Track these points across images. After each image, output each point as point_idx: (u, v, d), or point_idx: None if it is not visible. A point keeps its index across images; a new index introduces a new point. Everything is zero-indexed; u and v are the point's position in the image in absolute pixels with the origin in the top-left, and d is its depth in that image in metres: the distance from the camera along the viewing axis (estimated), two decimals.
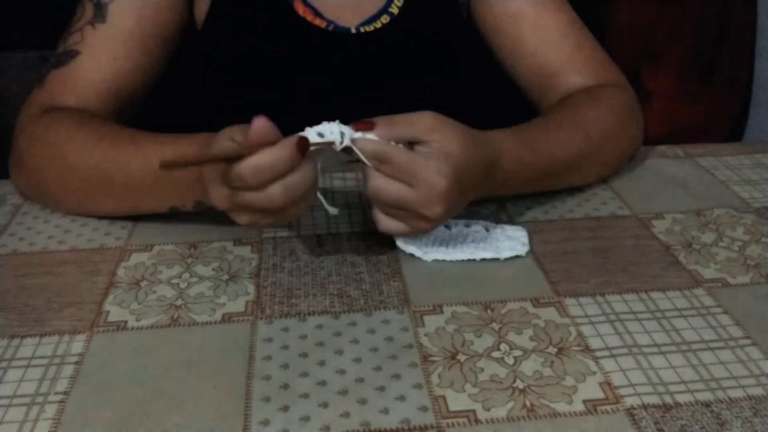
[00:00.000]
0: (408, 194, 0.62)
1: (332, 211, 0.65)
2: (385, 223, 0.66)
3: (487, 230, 0.72)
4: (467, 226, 0.73)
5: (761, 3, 1.42)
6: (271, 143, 0.58)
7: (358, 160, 0.63)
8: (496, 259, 0.69)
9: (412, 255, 0.69)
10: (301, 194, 0.60)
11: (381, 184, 0.62)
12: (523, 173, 0.72)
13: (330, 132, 0.62)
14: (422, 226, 0.65)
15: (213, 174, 0.61)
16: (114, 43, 0.80)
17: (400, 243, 0.70)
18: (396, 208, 0.64)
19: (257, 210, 0.60)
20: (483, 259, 0.69)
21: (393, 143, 0.62)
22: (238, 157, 0.58)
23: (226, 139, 0.60)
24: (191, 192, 0.68)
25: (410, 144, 0.63)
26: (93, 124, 0.75)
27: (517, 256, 0.70)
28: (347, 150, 0.62)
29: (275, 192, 0.58)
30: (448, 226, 0.72)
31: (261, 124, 0.58)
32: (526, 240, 0.71)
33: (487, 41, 0.92)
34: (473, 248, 0.70)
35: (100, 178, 0.72)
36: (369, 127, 0.62)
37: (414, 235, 0.67)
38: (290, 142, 0.58)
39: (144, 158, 0.70)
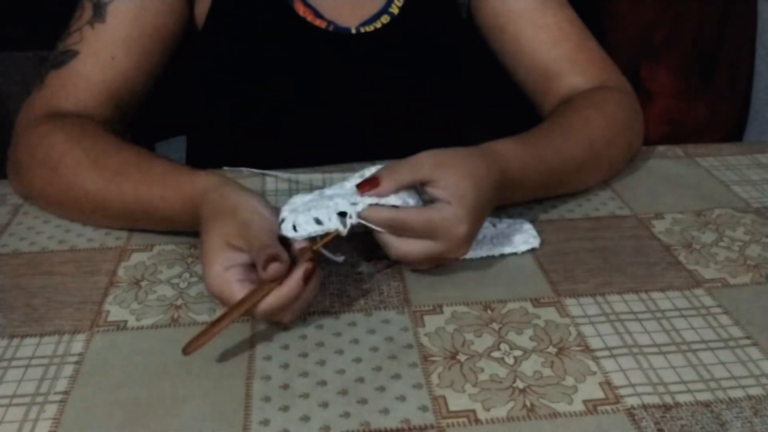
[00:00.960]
0: (434, 248, 0.62)
1: (339, 260, 0.63)
2: (418, 269, 0.67)
3: (494, 226, 0.73)
4: None
5: (761, 3, 1.42)
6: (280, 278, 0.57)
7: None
8: (496, 259, 0.69)
9: None
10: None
11: (406, 250, 0.63)
12: (530, 182, 0.73)
13: (328, 218, 0.60)
14: (447, 263, 0.66)
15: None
16: (113, 44, 0.80)
17: None
18: (423, 260, 0.64)
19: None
20: (485, 258, 0.69)
21: (402, 194, 0.62)
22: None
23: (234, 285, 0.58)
24: (186, 226, 0.68)
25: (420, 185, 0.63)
26: (88, 142, 0.73)
27: (521, 253, 0.70)
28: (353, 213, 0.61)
29: (286, 318, 0.59)
30: None
31: (275, 268, 0.56)
32: (534, 232, 0.72)
33: (487, 41, 0.92)
34: (490, 245, 0.70)
35: (94, 202, 0.71)
36: (375, 185, 0.62)
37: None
38: (297, 277, 0.57)
39: (135, 192, 0.69)
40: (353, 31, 0.88)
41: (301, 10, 0.86)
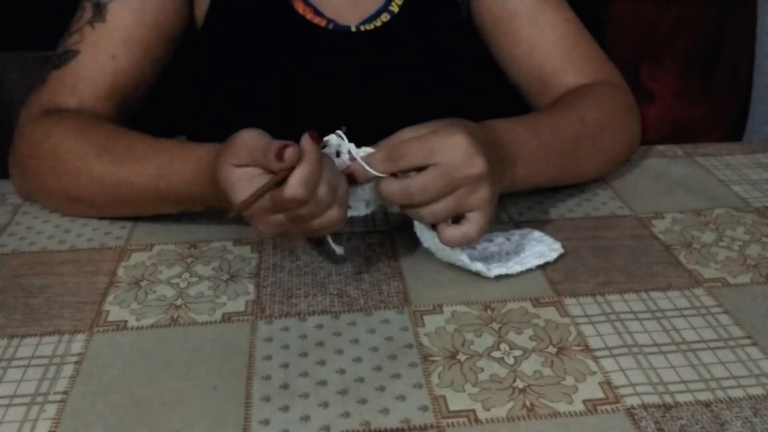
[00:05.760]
0: (443, 168, 0.61)
1: (338, 250, 0.65)
2: (450, 233, 0.63)
3: (508, 239, 0.71)
4: (490, 240, 0.71)
5: (761, 3, 1.42)
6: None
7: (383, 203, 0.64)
8: None
9: (477, 270, 0.66)
10: (341, 190, 0.61)
11: (420, 183, 0.61)
12: (529, 157, 0.72)
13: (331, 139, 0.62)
14: (481, 196, 0.62)
15: (257, 211, 0.60)
16: (113, 43, 0.80)
17: (466, 260, 0.66)
18: (446, 195, 0.62)
19: (307, 220, 0.60)
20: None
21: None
22: (279, 183, 0.57)
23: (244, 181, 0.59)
24: (198, 203, 0.69)
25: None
26: (92, 132, 0.74)
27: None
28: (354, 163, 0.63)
29: (323, 193, 0.59)
30: (490, 240, 0.71)
31: (290, 152, 0.56)
32: (550, 238, 0.71)
33: (486, 40, 0.92)
34: (522, 258, 0.68)
35: (101, 190, 0.72)
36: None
37: (489, 217, 0.63)
38: (308, 142, 0.58)
39: (144, 174, 0.70)
40: (353, 29, 0.87)
41: (300, 8, 0.86)
